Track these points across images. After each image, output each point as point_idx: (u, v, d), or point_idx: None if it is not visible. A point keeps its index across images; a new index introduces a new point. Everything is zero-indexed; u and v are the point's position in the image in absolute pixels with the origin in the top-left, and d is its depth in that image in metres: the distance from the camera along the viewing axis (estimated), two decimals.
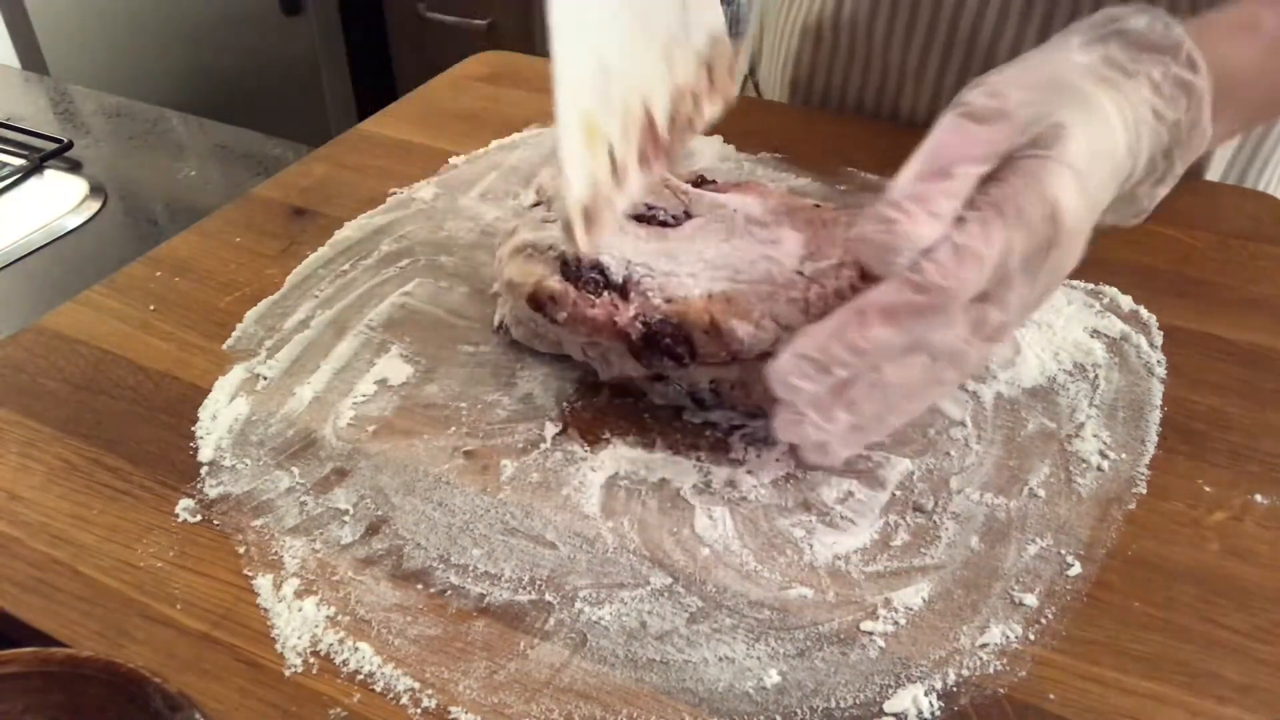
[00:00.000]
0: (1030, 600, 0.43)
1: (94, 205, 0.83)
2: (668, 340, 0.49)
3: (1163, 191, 0.49)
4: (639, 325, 0.49)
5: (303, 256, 0.64)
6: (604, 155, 0.47)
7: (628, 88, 0.48)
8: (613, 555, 0.45)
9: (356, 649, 0.42)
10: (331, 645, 0.42)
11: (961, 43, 0.71)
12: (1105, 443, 0.50)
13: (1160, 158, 0.46)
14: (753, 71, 0.91)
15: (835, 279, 0.49)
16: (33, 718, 0.37)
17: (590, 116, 0.46)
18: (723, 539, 0.46)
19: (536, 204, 0.57)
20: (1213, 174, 0.74)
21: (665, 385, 0.51)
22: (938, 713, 0.39)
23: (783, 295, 0.48)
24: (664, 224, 0.54)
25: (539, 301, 0.52)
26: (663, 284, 0.50)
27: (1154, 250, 0.62)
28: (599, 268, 0.51)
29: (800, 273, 0.49)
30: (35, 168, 0.87)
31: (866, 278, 0.50)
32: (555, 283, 0.51)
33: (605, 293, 0.51)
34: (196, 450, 0.51)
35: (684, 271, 0.50)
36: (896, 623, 0.42)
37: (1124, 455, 0.49)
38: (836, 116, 0.80)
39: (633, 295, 0.50)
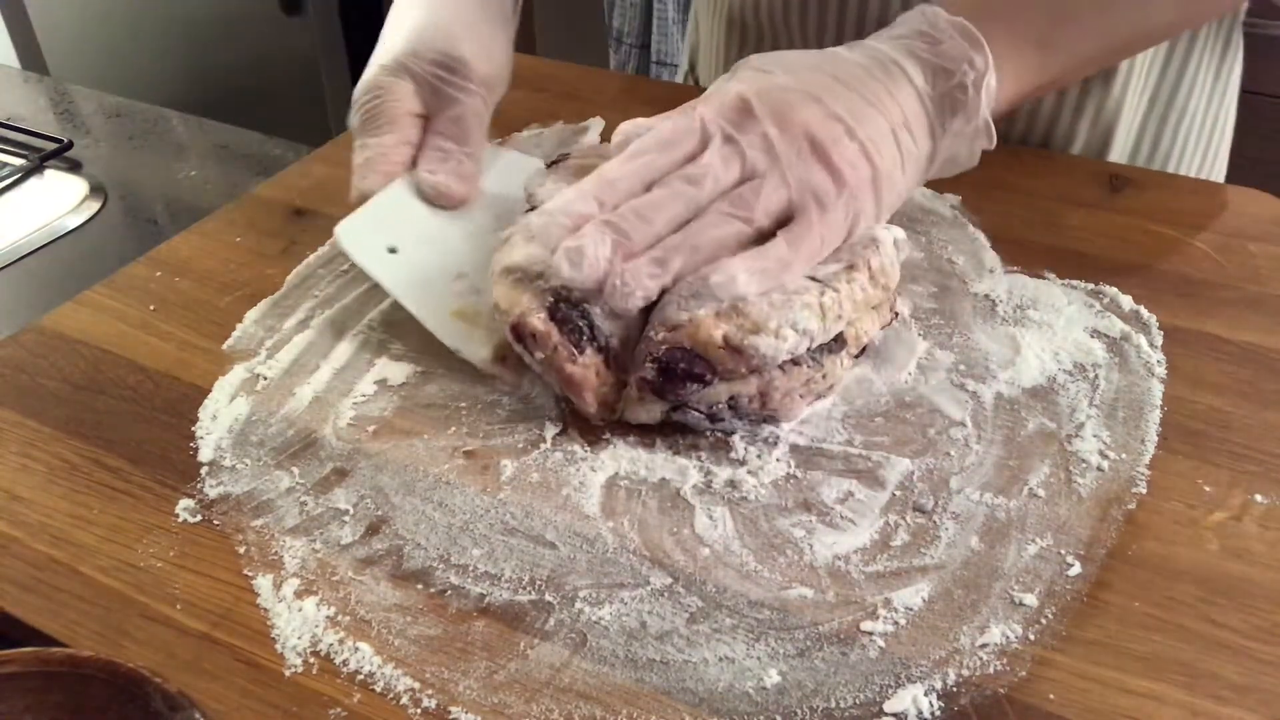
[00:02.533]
0: (1030, 600, 0.43)
1: (94, 205, 0.83)
2: (683, 365, 0.48)
3: (978, 108, 0.53)
4: (649, 365, 0.49)
5: (303, 256, 0.64)
6: (487, 322, 0.56)
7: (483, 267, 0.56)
8: (613, 555, 0.45)
9: (356, 649, 0.42)
10: (331, 645, 0.42)
11: (871, 26, 0.73)
12: (1105, 443, 0.50)
13: (942, 73, 0.52)
14: (693, 67, 0.92)
15: (847, 282, 0.49)
16: (33, 718, 0.37)
17: (458, 309, 0.56)
18: (723, 539, 0.46)
19: (530, 209, 0.56)
20: (1118, 152, 0.76)
21: (683, 413, 0.50)
22: (938, 713, 0.39)
23: (797, 302, 0.48)
24: None
25: (519, 334, 0.50)
26: (666, 316, 0.49)
27: (1154, 250, 0.62)
28: (586, 315, 0.49)
29: (813, 278, 0.49)
30: (35, 168, 0.87)
31: (876, 278, 0.50)
32: (539, 320, 0.49)
33: (589, 348, 0.49)
34: (196, 450, 0.51)
35: (684, 291, 0.49)
36: (896, 623, 0.42)
37: (1124, 455, 0.49)
38: None
39: (613, 365, 0.50)
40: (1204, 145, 0.79)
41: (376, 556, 0.46)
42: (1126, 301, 0.58)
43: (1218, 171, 0.82)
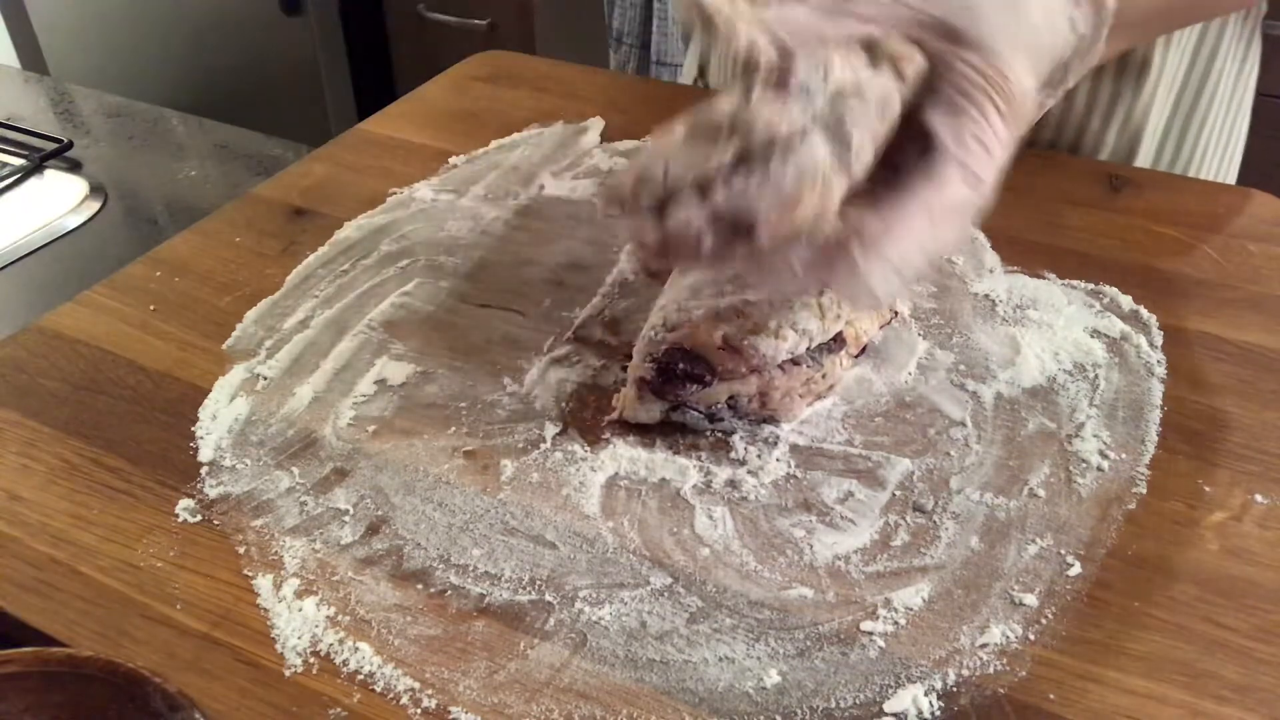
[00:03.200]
0: (1030, 600, 0.43)
1: (94, 205, 0.84)
2: (682, 366, 0.48)
3: (1050, 103, 0.49)
4: (649, 365, 0.49)
5: (303, 256, 0.64)
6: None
7: None
8: (613, 555, 0.45)
9: (356, 649, 0.42)
10: (331, 645, 0.42)
11: None
12: (1105, 443, 0.50)
13: (1058, 68, 0.46)
14: (703, 73, 0.91)
15: None
16: (33, 718, 0.37)
17: None
18: (723, 539, 0.46)
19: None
20: (1144, 158, 0.74)
21: (682, 413, 0.50)
22: (938, 713, 0.39)
23: (796, 301, 0.48)
24: None
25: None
26: (665, 317, 0.49)
27: (1154, 250, 0.62)
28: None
29: None
30: (35, 168, 0.87)
31: None
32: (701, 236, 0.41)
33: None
34: (196, 450, 0.51)
35: (683, 297, 0.49)
36: (896, 623, 0.42)
37: (1124, 455, 0.49)
38: None
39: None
40: (1222, 148, 0.78)
41: (376, 556, 0.46)
42: (1126, 301, 0.58)
43: (1231, 174, 0.81)
